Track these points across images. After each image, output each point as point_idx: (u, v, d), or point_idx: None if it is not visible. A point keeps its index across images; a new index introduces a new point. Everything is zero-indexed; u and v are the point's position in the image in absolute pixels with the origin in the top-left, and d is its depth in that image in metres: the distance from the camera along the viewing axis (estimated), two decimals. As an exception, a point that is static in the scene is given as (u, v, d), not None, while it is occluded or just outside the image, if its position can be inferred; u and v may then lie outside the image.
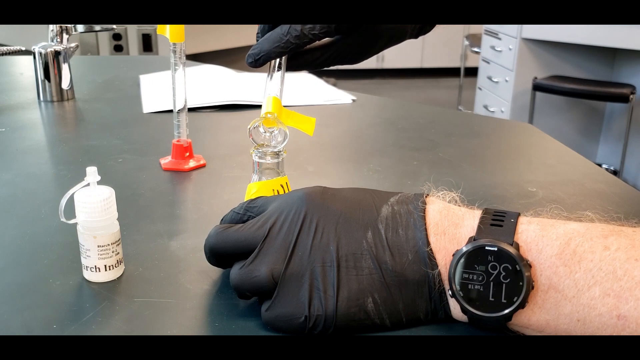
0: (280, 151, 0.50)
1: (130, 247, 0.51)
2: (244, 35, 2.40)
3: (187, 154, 0.71)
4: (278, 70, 0.54)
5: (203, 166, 0.72)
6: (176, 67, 0.67)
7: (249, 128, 0.49)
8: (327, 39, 0.57)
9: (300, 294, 0.39)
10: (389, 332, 0.40)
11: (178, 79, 0.68)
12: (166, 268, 0.48)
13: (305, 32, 0.53)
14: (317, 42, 0.57)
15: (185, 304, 0.43)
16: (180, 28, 0.66)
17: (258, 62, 0.54)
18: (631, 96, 2.66)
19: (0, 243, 0.52)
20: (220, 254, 0.43)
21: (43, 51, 0.99)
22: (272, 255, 0.40)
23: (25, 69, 1.28)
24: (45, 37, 1.03)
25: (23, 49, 1.10)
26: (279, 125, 0.50)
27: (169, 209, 0.60)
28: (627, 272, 0.35)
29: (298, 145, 0.79)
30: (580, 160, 0.76)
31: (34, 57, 1.00)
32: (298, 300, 0.39)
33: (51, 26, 1.03)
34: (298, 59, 0.56)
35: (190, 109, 0.85)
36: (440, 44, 5.32)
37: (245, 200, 0.47)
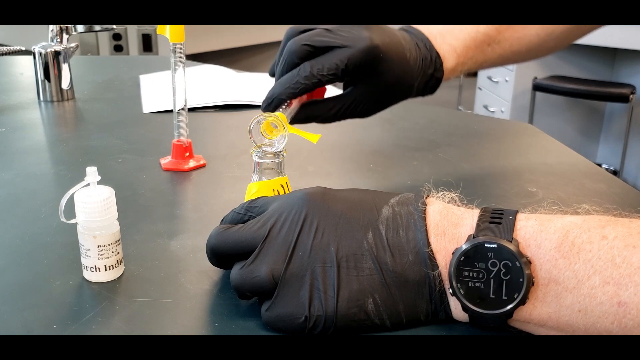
0: (280, 151, 0.50)
1: (130, 247, 0.51)
2: (244, 35, 2.40)
3: (187, 154, 0.71)
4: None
5: (203, 166, 0.72)
6: (176, 67, 0.67)
7: (250, 127, 0.49)
8: (337, 93, 0.59)
9: (301, 294, 0.39)
10: (389, 332, 0.40)
11: (178, 79, 0.68)
12: (166, 268, 0.48)
13: (313, 73, 0.55)
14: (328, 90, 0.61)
15: (185, 304, 0.43)
16: (180, 28, 0.66)
17: (271, 105, 0.57)
18: (631, 96, 2.66)
19: (0, 243, 0.52)
20: (221, 255, 0.43)
21: (43, 51, 0.99)
22: (273, 256, 0.40)
23: (25, 69, 1.28)
24: (45, 37, 1.03)
25: (23, 49, 1.10)
26: (280, 131, 0.50)
27: (169, 209, 0.60)
28: (626, 259, 0.36)
29: (298, 146, 0.79)
30: (580, 160, 0.76)
31: (34, 57, 1.00)
32: (298, 300, 0.39)
33: (51, 26, 1.03)
34: (312, 108, 0.58)
35: (190, 109, 0.85)
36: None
37: (245, 201, 0.47)
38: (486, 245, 0.38)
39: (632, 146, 2.86)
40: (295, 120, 0.57)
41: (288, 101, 0.57)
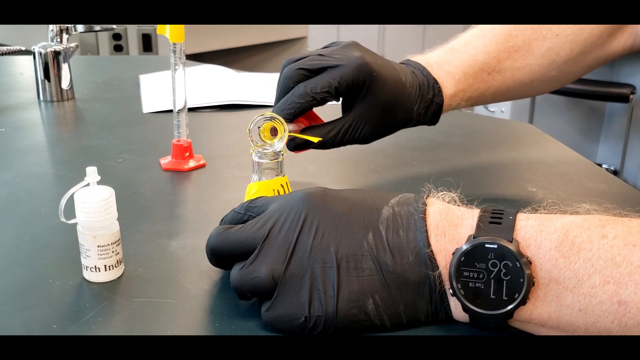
0: (280, 151, 0.50)
1: (130, 247, 0.51)
2: (244, 35, 2.40)
3: (187, 154, 0.71)
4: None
5: (203, 166, 0.72)
6: (176, 67, 0.67)
7: (249, 129, 0.49)
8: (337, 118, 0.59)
9: (300, 294, 0.39)
10: (389, 332, 0.40)
11: (178, 79, 0.68)
12: (166, 268, 0.48)
13: (307, 91, 0.56)
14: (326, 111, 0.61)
15: (185, 304, 0.43)
16: (180, 28, 0.65)
17: None
18: (631, 96, 2.65)
19: (0, 243, 0.52)
20: (221, 255, 0.43)
21: (43, 51, 0.99)
22: (272, 256, 0.40)
23: (25, 69, 1.28)
24: (45, 37, 1.03)
25: (23, 49, 1.10)
26: (279, 133, 0.50)
27: (169, 209, 0.60)
28: (626, 258, 0.36)
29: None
30: (580, 160, 0.76)
31: (34, 57, 1.00)
32: (298, 300, 0.39)
33: (51, 26, 1.03)
34: (310, 132, 0.58)
35: (190, 109, 0.85)
36: (440, 44, 5.31)
37: (245, 201, 0.47)
38: (486, 245, 0.38)
39: (632, 146, 2.86)
40: (295, 146, 0.58)
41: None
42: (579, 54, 0.67)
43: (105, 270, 0.46)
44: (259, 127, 0.50)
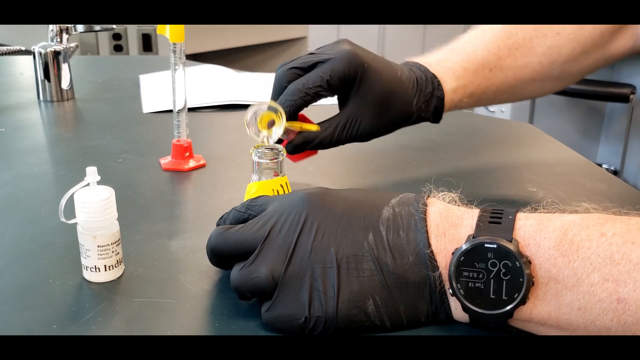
0: (280, 151, 0.50)
1: (130, 247, 0.51)
2: (244, 35, 2.40)
3: (187, 154, 0.71)
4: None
5: (203, 166, 0.72)
6: (176, 67, 0.67)
7: (246, 119, 0.49)
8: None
9: (300, 295, 0.39)
10: (389, 333, 0.40)
11: (178, 79, 0.68)
12: (166, 268, 0.48)
13: (299, 87, 0.55)
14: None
15: (185, 304, 0.43)
16: (180, 28, 0.65)
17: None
18: (631, 96, 2.65)
19: (0, 243, 0.52)
20: (221, 255, 0.43)
21: (43, 51, 0.99)
22: (272, 256, 0.40)
23: (25, 69, 1.28)
24: (45, 37, 1.03)
25: (23, 49, 1.10)
26: (277, 124, 0.50)
27: (169, 209, 0.60)
28: (625, 256, 0.36)
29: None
30: (580, 160, 0.76)
31: (34, 57, 1.00)
32: (298, 301, 0.39)
33: (51, 26, 1.03)
34: (307, 133, 0.57)
35: (190, 109, 0.85)
36: (440, 44, 5.31)
37: (246, 200, 0.47)
38: (486, 245, 0.38)
39: (633, 146, 2.86)
40: (293, 147, 0.57)
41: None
42: (580, 53, 0.67)
43: (105, 270, 0.46)
44: (256, 118, 0.50)
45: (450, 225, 0.40)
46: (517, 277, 0.37)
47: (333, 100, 0.60)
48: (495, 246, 0.38)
